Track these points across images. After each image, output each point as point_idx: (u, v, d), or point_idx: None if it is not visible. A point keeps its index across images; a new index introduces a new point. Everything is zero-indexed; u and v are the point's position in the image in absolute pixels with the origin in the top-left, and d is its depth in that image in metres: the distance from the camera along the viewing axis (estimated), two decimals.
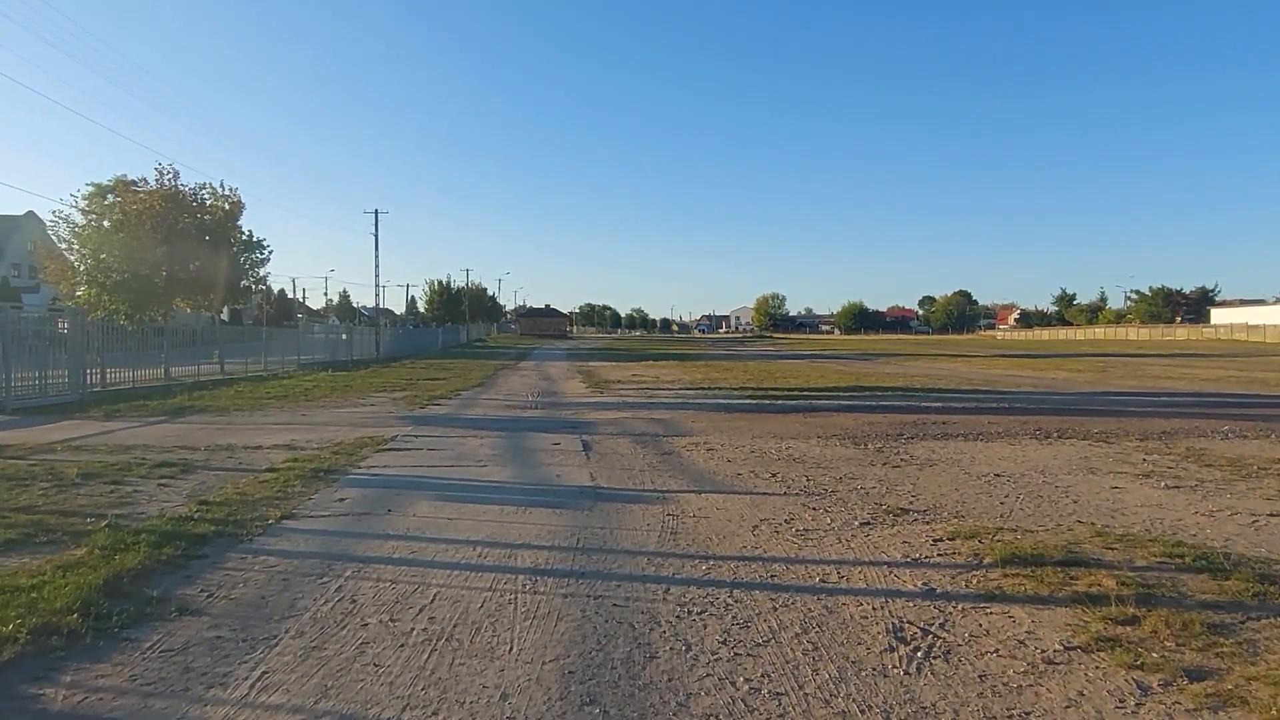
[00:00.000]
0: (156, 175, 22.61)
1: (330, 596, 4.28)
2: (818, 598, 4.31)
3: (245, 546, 5.25)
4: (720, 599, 4.28)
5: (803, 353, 52.68)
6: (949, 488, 7.38)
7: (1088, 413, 13.87)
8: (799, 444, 10.18)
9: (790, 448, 9.88)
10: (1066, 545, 5.23)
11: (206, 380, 21.49)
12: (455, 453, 9.39)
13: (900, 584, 4.55)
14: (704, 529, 5.83)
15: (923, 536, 5.59)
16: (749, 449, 9.79)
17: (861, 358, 42.60)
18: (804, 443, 10.29)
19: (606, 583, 4.56)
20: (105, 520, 5.71)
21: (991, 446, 9.93)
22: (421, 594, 4.35)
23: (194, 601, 4.17)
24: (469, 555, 5.12)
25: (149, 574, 4.56)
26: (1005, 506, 6.57)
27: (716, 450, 9.68)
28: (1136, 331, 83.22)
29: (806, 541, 5.48)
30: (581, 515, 6.25)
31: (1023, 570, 4.67)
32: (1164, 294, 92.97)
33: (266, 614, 4.01)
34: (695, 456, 9.24)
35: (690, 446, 9.97)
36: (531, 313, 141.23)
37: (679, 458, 9.16)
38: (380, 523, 5.97)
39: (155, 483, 7.40)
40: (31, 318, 16.97)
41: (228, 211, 24.06)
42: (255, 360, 26.42)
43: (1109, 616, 3.92)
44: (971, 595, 4.33)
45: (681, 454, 9.41)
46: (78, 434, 11.01)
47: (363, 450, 9.41)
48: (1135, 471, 8.17)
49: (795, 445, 10.07)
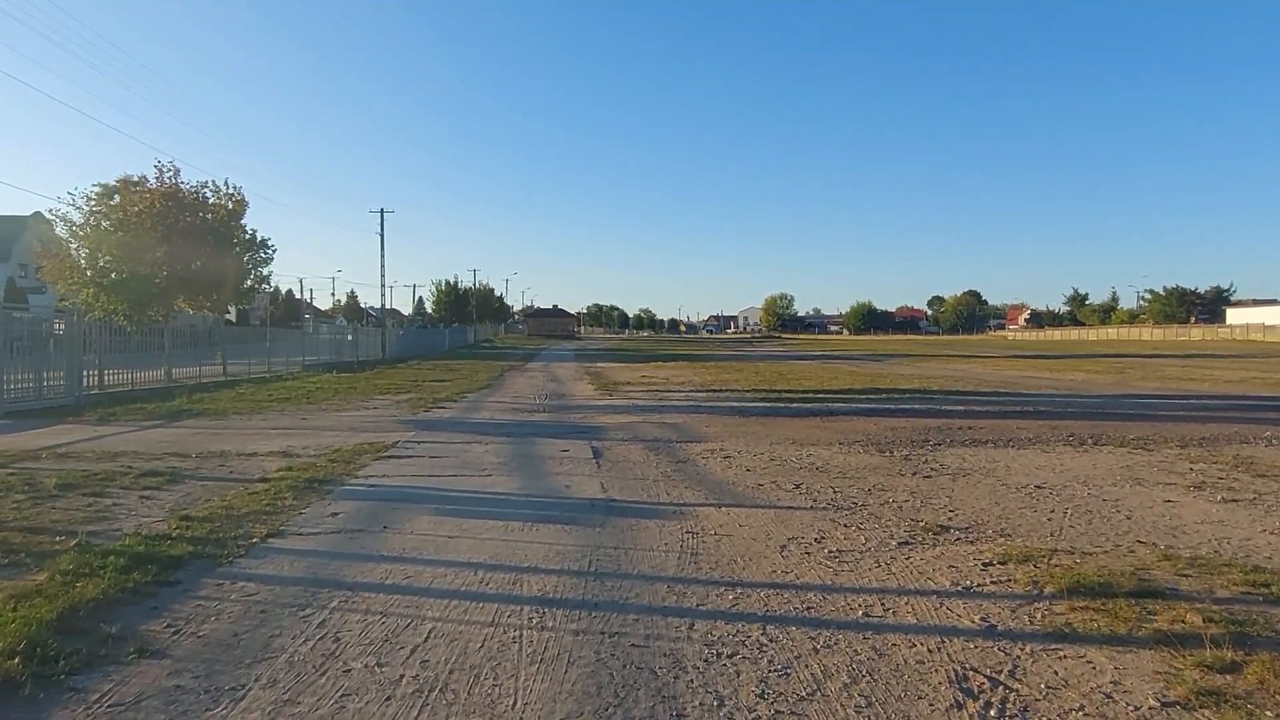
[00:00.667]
0: (156, 173, 22.25)
1: (311, 634, 3.79)
2: (863, 636, 3.79)
3: (224, 570, 4.76)
4: (753, 637, 3.77)
5: (812, 353, 52.10)
6: (988, 501, 6.85)
7: (1117, 417, 13.30)
8: (820, 451, 9.66)
9: (812, 455, 9.35)
10: (1134, 571, 4.70)
11: (208, 382, 21.09)
12: (459, 461, 8.91)
13: (955, 619, 4.03)
14: (728, 549, 5.32)
15: (970, 559, 5.07)
16: (768, 456, 9.27)
17: (872, 359, 41.99)
18: (826, 450, 9.76)
19: (623, 615, 4.06)
20: (75, 539, 5.24)
21: (1025, 454, 9.38)
22: (414, 630, 3.85)
23: (157, 640, 3.68)
24: (469, 581, 4.63)
25: (111, 605, 4.08)
26: (1053, 523, 6.04)
27: (734, 458, 9.17)
28: (1150, 332, 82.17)
29: (842, 565, 4.96)
30: (593, 532, 5.75)
31: (1091, 603, 4.15)
32: (1178, 294, 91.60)
33: (237, 656, 3.52)
34: (712, 465, 8.73)
35: (706, 454, 9.47)
36: (539, 313, 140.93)
37: (695, 466, 8.65)
38: (374, 541, 5.48)
39: (138, 495, 6.93)
40: (26, 318, 16.58)
41: (231, 210, 23.66)
42: (259, 361, 26.03)
43: (1204, 663, 3.39)
44: (1039, 634, 3.80)
45: (697, 462, 8.91)
46: (67, 439, 10.58)
47: (361, 458, 8.94)
48: (1185, 483, 7.61)
49: (817, 452, 9.55)
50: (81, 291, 20.67)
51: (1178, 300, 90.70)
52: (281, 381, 22.64)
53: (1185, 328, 79.88)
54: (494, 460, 8.97)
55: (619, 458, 9.19)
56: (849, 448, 9.91)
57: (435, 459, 9.01)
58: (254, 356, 26.62)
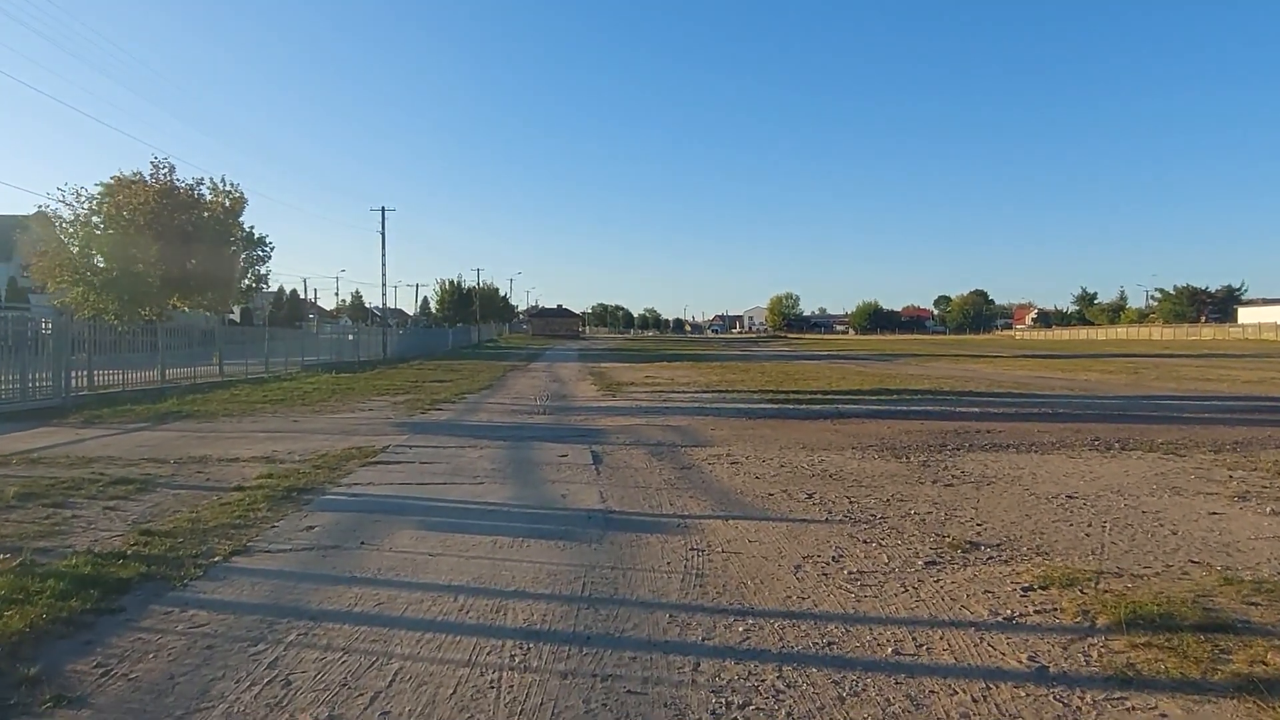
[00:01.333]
0: (152, 170, 21.81)
1: (259, 676, 3.30)
2: (895, 680, 3.29)
3: (175, 595, 4.28)
4: (767, 681, 3.27)
5: (819, 353, 51.53)
6: (1018, 513, 6.34)
7: (1141, 419, 12.75)
8: (833, 456, 9.15)
9: (824, 461, 8.85)
10: (1195, 598, 4.19)
11: (203, 383, 20.64)
12: (450, 467, 8.42)
13: (999, 658, 3.53)
14: (736, 569, 4.82)
15: (1006, 583, 4.56)
16: (778, 462, 8.76)
17: (880, 358, 41.43)
18: (838, 455, 9.25)
19: (619, 653, 3.56)
20: (19, 557, 4.76)
21: (1050, 460, 8.86)
22: (378, 671, 3.36)
23: (80, 683, 3.20)
24: (448, 609, 4.14)
25: (38, 639, 3.60)
26: (1093, 539, 5.52)
27: (741, 464, 8.67)
28: (1160, 331, 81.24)
29: (864, 589, 4.46)
30: (589, 550, 5.26)
31: (1154, 638, 3.63)
32: (1189, 293, 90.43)
33: (168, 706, 3.03)
34: (718, 471, 8.23)
35: (712, 459, 8.96)
36: (544, 313, 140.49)
37: (700, 473, 8.15)
38: (348, 560, 4.99)
39: (102, 505, 6.46)
40: (11, 317, 16.15)
41: (228, 208, 23.21)
42: (257, 362, 25.59)
43: None
44: (1099, 679, 3.29)
45: (703, 468, 8.40)
46: (44, 443, 10.12)
47: (348, 464, 8.46)
48: (1227, 492, 7.09)
49: (829, 458, 9.04)
50: (71, 290, 20.24)
51: (1188, 299, 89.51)
52: (279, 382, 22.20)
53: (1196, 327, 78.91)
54: (488, 466, 8.48)
55: (620, 463, 8.70)
56: (863, 453, 9.40)
57: (426, 465, 8.52)
58: (252, 357, 26.18)
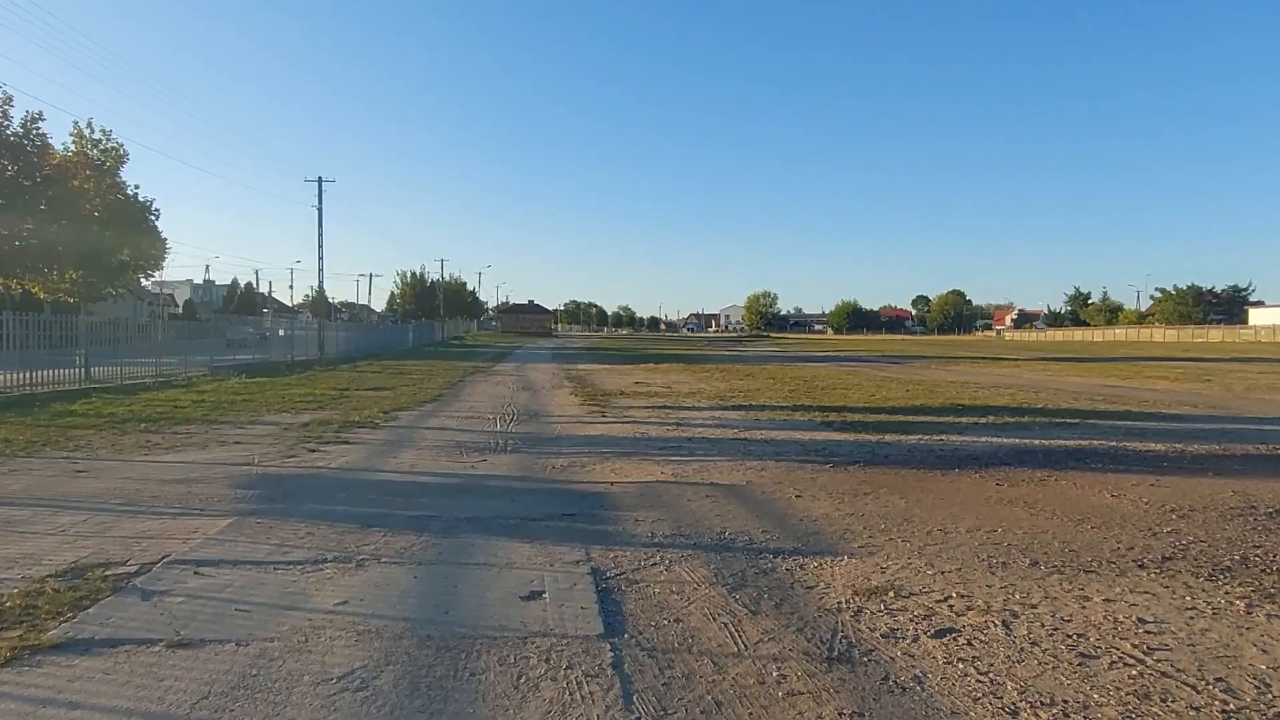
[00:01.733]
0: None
1: None
2: None
3: None
4: None
5: (815, 354, 46.71)
6: None
7: None
8: (1145, 600, 4.16)
9: (1156, 616, 3.85)
10: None
11: (44, 392, 15.20)
12: (218, 687, 3.30)
13: None
14: None
15: None
16: (1067, 635, 3.74)
17: (886, 360, 36.80)
18: (1163, 591, 4.26)
19: None
20: None
21: None
22: None
23: None
24: None
25: None
26: None
27: (982, 644, 3.63)
28: (1163, 333, 77.62)
29: None
30: None
31: None
32: (1194, 293, 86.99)
33: None
34: (954, 689, 3.19)
35: (883, 613, 3.92)
36: (514, 309, 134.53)
37: (919, 699, 3.10)
38: None
39: None
40: None
41: (91, 160, 17.65)
42: (145, 363, 20.13)
43: None
44: None
45: (900, 664, 3.36)
46: None
47: None
48: None
49: (1154, 607, 4.04)
50: None
51: (1193, 300, 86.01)
52: (159, 392, 16.79)
53: (1203, 329, 75.39)
54: (338, 665, 3.36)
55: (674, 640, 3.62)
56: (1200, 580, 4.42)
57: (148, 681, 3.38)
58: (144, 356, 20.74)
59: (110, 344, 18.30)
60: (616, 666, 3.27)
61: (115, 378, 18.21)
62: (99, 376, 17.98)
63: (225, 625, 3.61)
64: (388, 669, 3.21)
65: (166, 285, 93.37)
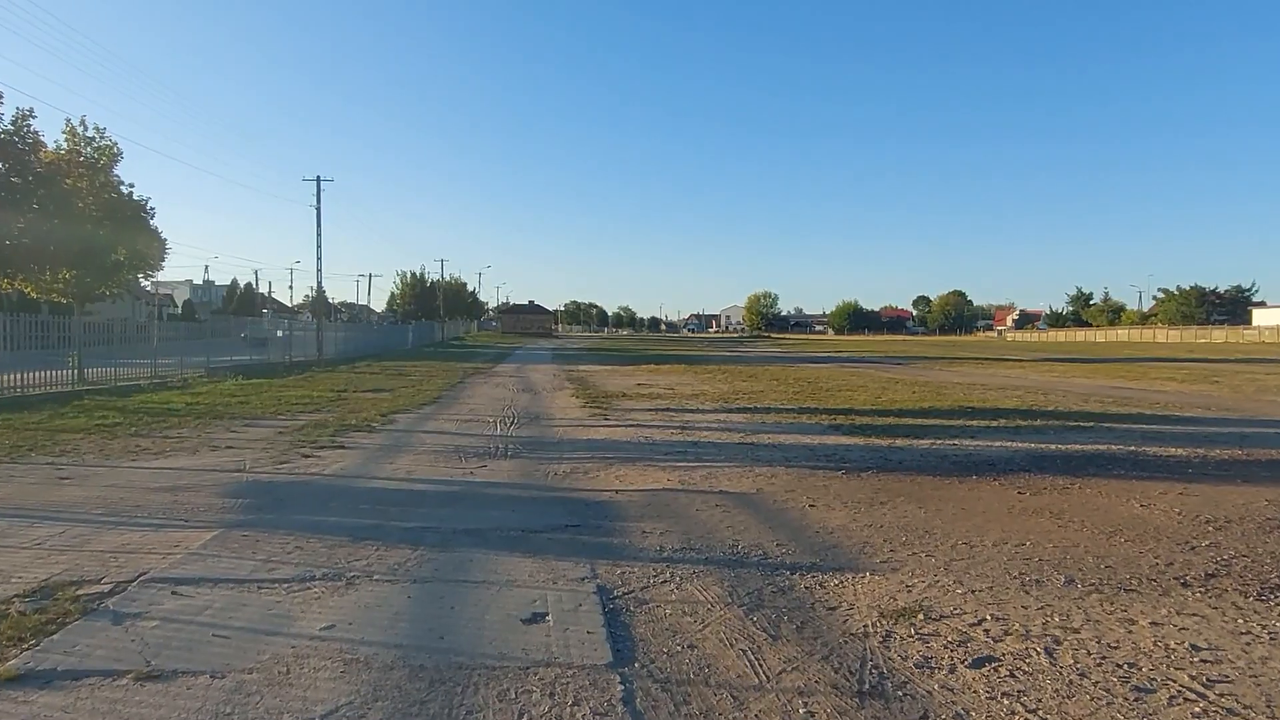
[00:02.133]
0: None
1: None
2: None
3: None
4: None
5: (817, 355, 46.35)
6: None
7: None
8: (1197, 623, 3.86)
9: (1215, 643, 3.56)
10: None
11: (35, 395, 14.91)
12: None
13: None
14: None
15: None
16: (1093, 650, 3.45)
17: (889, 361, 36.47)
18: (1201, 620, 3.97)
19: None
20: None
21: None
22: None
23: None
24: None
25: None
26: None
27: (1035, 680, 3.34)
28: (1166, 334, 77.17)
29: None
30: None
31: None
32: (1197, 293, 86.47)
33: None
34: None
35: (914, 640, 3.63)
36: (514, 309, 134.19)
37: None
38: None
39: None
40: None
41: (81, 158, 17.32)
42: (141, 364, 19.84)
43: None
44: None
45: (939, 700, 3.07)
46: None
47: None
48: None
49: (1191, 629, 3.75)
50: None
51: (1196, 300, 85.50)
52: (151, 393, 16.50)
53: (1206, 329, 74.92)
54: (318, 700, 3.07)
55: (689, 669, 3.33)
56: (1250, 600, 4.13)
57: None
58: (141, 357, 20.45)
59: (105, 345, 18.01)
60: (628, 702, 2.98)
61: (110, 379, 17.94)
62: (93, 378, 17.71)
63: (201, 654, 3.31)
64: (376, 706, 2.92)
65: (166, 285, 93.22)
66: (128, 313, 48.17)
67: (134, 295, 43.94)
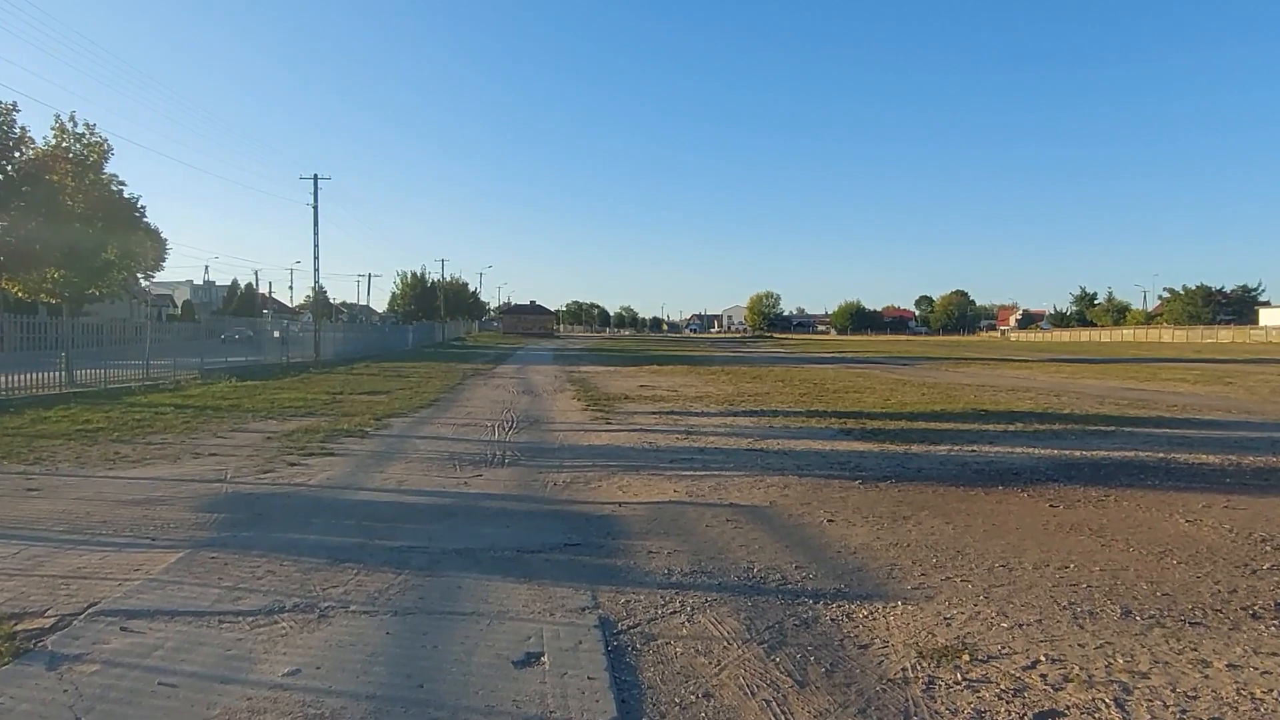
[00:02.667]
0: None
1: None
2: None
3: None
4: None
5: (821, 356, 45.86)
6: None
7: None
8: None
9: None
10: None
11: (19, 397, 14.48)
12: None
13: None
14: None
15: None
16: (1169, 701, 3.00)
17: (894, 362, 36.01)
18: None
19: None
20: None
21: None
22: None
23: None
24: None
25: None
26: None
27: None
28: (1172, 334, 76.53)
29: None
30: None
31: None
32: (1202, 293, 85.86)
33: None
34: None
35: (967, 691, 3.17)
36: (515, 310, 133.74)
37: None
38: None
39: None
40: None
41: (68, 156, 16.88)
42: (133, 366, 19.41)
43: None
44: None
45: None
46: None
47: None
48: None
49: (1276, 672, 3.29)
50: None
51: (1202, 300, 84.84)
52: (141, 395, 16.07)
53: (1212, 329, 74.30)
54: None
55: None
56: None
57: None
58: (133, 358, 20.02)
59: (96, 346, 17.58)
60: None
61: (100, 381, 17.51)
62: (83, 380, 17.28)
63: (141, 709, 2.87)
64: None
65: (166, 286, 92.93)
66: (126, 313, 47.78)
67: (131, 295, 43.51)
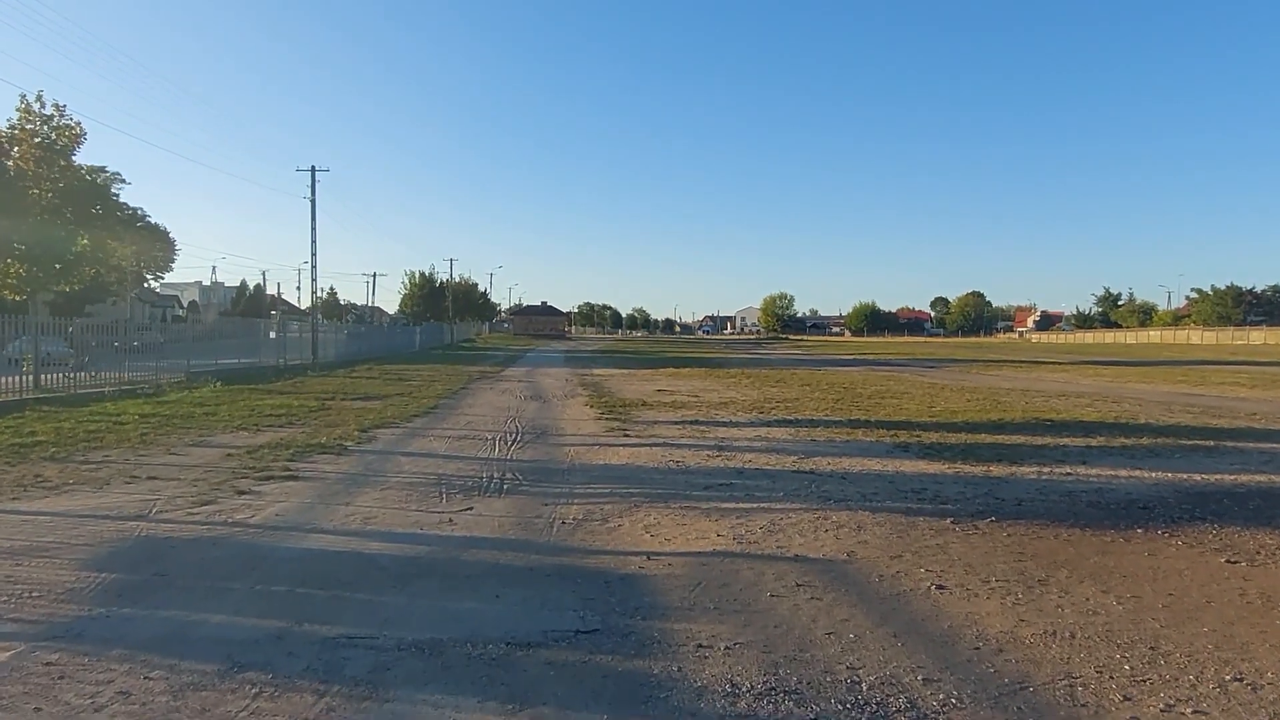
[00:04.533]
0: None
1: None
2: None
3: None
4: None
5: (841, 358, 44.09)
6: None
7: None
8: None
9: None
10: None
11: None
12: None
13: None
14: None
15: None
16: None
17: (918, 364, 34.37)
18: None
19: None
20: None
21: None
22: None
23: None
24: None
25: None
26: None
27: None
28: (1201, 335, 74.03)
29: None
30: None
31: None
32: (1233, 293, 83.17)
33: None
34: None
35: None
36: (526, 311, 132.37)
37: None
38: None
39: None
40: None
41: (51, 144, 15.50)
42: (109, 368, 18.01)
43: None
44: None
45: None
46: None
47: None
48: None
49: None
50: None
51: (1233, 300, 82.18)
52: (111, 402, 14.60)
53: (1243, 330, 71.79)
54: None
55: None
56: None
57: None
58: (112, 361, 18.61)
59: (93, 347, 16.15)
60: None
61: (70, 386, 16.10)
62: (50, 385, 15.87)
63: None
64: None
65: (174, 287, 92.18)
66: (126, 314, 46.65)
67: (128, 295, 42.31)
